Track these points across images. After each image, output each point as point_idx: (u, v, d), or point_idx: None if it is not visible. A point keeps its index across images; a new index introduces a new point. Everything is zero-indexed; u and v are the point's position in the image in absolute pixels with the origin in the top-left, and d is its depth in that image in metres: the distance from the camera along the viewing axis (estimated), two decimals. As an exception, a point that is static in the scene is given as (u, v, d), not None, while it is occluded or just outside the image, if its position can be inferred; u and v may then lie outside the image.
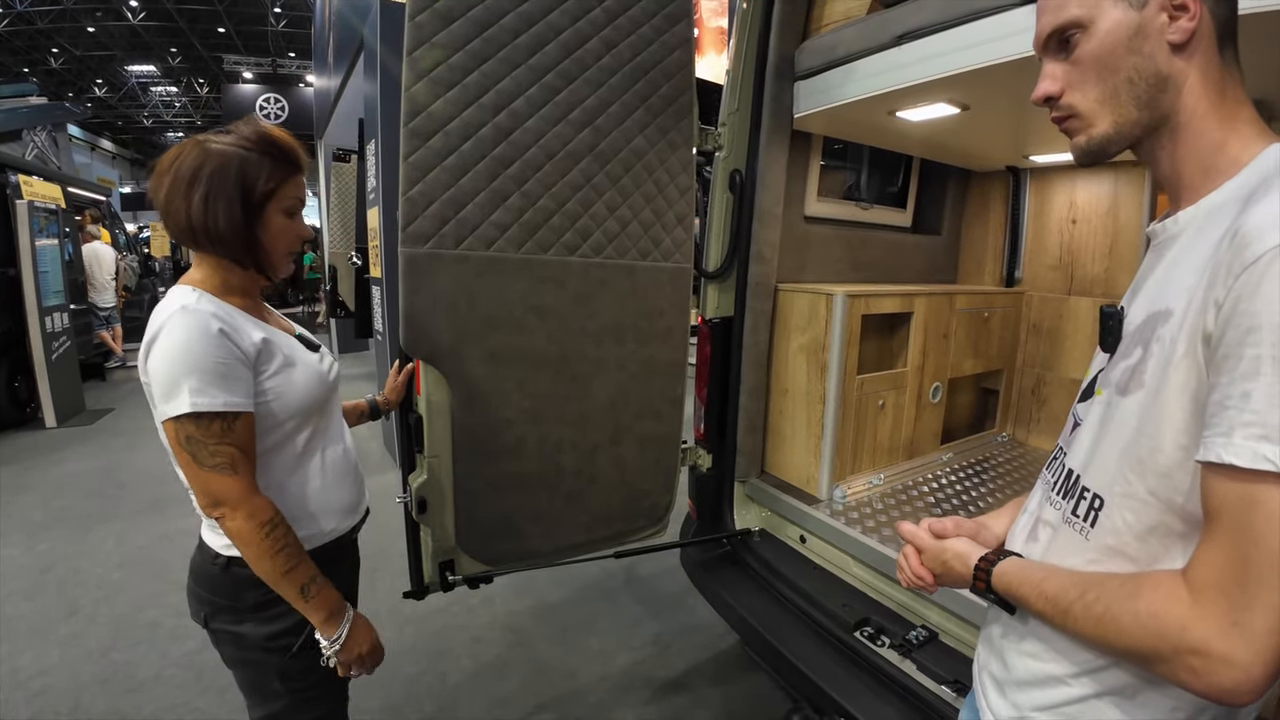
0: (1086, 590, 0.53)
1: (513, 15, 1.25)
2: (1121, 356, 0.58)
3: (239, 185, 0.88)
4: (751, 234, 1.76)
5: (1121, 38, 0.55)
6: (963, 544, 0.70)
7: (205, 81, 19.36)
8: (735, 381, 1.85)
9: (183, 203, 0.87)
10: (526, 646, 2.20)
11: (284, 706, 1.00)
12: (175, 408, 0.83)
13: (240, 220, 0.89)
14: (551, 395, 1.42)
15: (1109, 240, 2.27)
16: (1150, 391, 0.52)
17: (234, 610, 0.96)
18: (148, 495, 3.48)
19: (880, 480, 1.95)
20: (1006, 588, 0.62)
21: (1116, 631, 0.50)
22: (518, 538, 1.47)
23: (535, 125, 1.30)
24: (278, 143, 0.92)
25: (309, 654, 0.97)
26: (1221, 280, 0.46)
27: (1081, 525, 0.58)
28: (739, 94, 1.70)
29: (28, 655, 2.10)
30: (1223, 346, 0.46)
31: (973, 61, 1.23)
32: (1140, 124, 0.57)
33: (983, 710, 0.68)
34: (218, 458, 0.85)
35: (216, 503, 0.86)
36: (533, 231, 1.33)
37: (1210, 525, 0.47)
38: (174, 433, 0.84)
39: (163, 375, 0.83)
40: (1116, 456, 0.55)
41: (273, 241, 0.94)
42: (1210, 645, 0.44)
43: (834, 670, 1.31)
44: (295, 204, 0.95)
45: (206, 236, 0.89)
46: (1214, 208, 0.54)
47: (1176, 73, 0.55)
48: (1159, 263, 0.59)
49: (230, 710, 1.83)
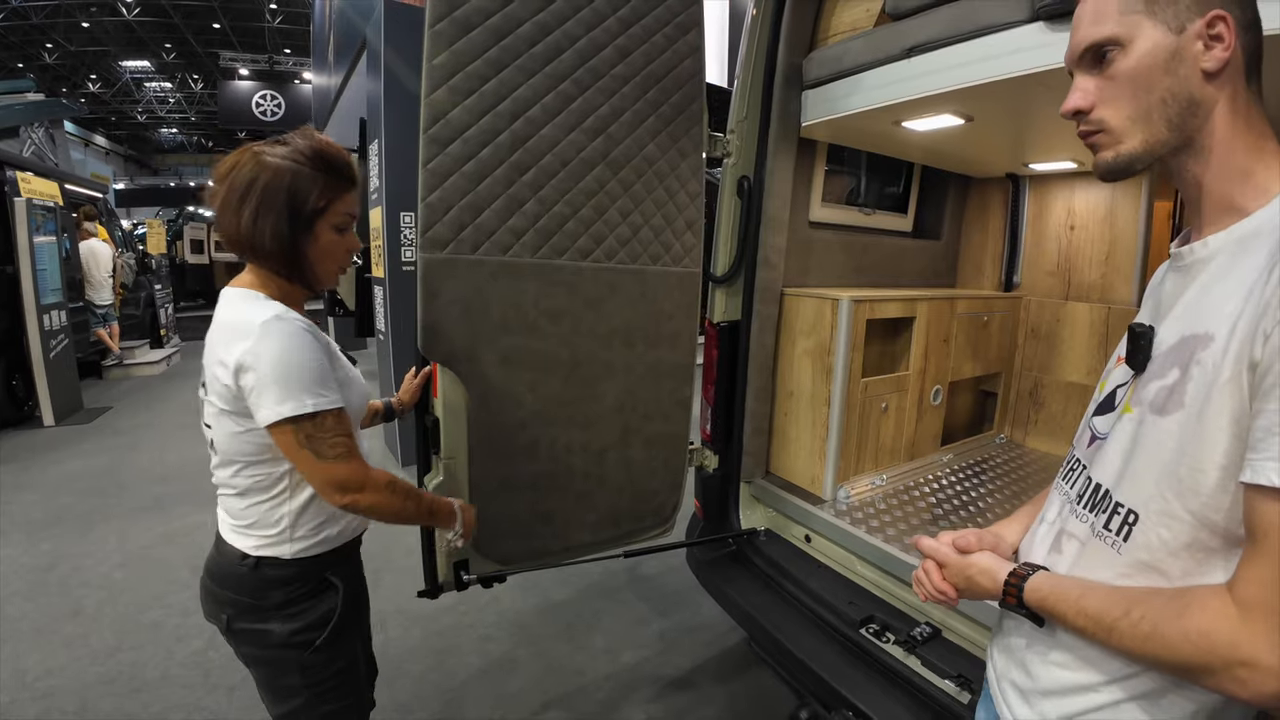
0: (1131, 608, 0.55)
1: (529, 24, 1.27)
2: (1154, 376, 0.59)
3: (289, 202, 0.89)
4: (759, 239, 1.79)
5: (1160, 59, 0.57)
6: (988, 559, 0.71)
7: (200, 77, 19.24)
8: (742, 384, 1.88)
9: (234, 216, 0.89)
10: (533, 645, 2.23)
11: (304, 701, 1.02)
12: (294, 409, 0.87)
13: (287, 237, 0.91)
14: (563, 397, 1.45)
15: (1106, 247, 2.32)
16: (1191, 414, 0.54)
17: (258, 610, 0.98)
18: (148, 494, 3.47)
19: (883, 481, 1.99)
20: (1040, 603, 0.63)
21: (1165, 648, 0.52)
22: (529, 537, 1.49)
23: (551, 132, 1.32)
24: (332, 159, 0.93)
25: (329, 648, 1.00)
26: (1272, 312, 0.48)
27: (1114, 539, 0.60)
28: (747, 102, 1.73)
29: (33, 656, 2.09)
30: (1270, 375, 0.48)
31: (979, 76, 1.26)
32: (1169, 144, 0.59)
33: (1004, 717, 0.69)
34: (337, 449, 0.90)
35: (344, 489, 0.92)
36: (547, 237, 1.36)
37: (1256, 544, 0.49)
38: (292, 433, 0.88)
39: (275, 381, 0.86)
40: (1155, 475, 0.57)
41: (321, 257, 0.96)
42: (1260, 659, 0.47)
43: (840, 666, 1.34)
44: (346, 220, 0.96)
45: (253, 250, 0.92)
46: (1246, 235, 0.56)
47: (1207, 98, 0.57)
48: (1190, 285, 0.60)
49: (239, 709, 1.83)
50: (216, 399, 0.92)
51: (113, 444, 4.31)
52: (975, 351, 2.33)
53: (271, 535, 0.98)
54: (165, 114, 22.01)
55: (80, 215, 5.75)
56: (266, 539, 0.98)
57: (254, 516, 0.97)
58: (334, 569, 1.03)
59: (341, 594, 1.02)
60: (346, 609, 1.03)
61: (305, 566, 1.00)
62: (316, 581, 1.01)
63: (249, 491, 0.96)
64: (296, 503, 0.98)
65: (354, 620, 1.08)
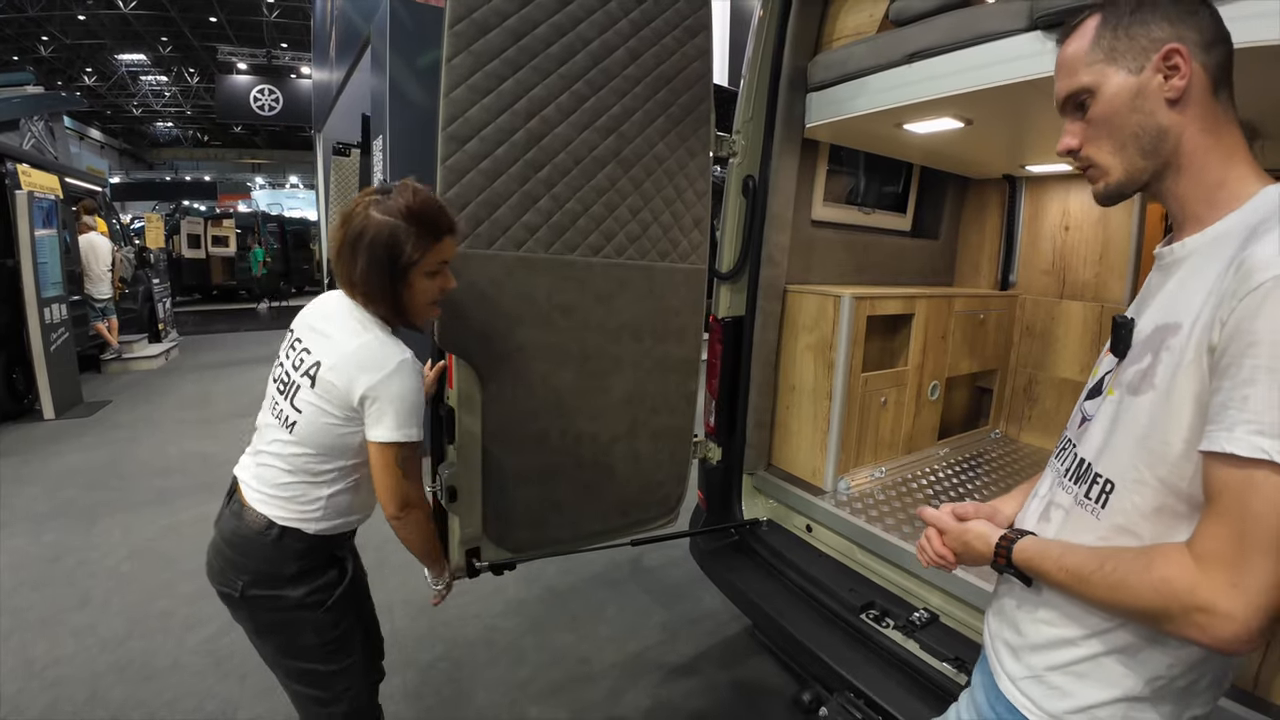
0: (1104, 562, 0.61)
1: (545, 26, 1.31)
2: (1132, 361, 0.66)
3: (388, 254, 1.03)
4: (763, 237, 1.83)
5: (1125, 100, 0.64)
6: (983, 525, 0.77)
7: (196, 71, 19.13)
8: (745, 378, 1.92)
9: (348, 265, 1.05)
10: (539, 634, 2.26)
11: (320, 657, 1.14)
12: (405, 436, 1.05)
13: (388, 287, 1.05)
14: (573, 389, 1.48)
15: (1100, 247, 2.37)
16: (1161, 393, 0.60)
17: (274, 577, 1.09)
18: (151, 488, 3.48)
19: (882, 473, 2.04)
20: (1026, 562, 0.69)
21: (1133, 596, 0.58)
22: (540, 526, 1.53)
23: (565, 131, 1.36)
24: (424, 215, 1.05)
25: (337, 609, 1.14)
26: (1227, 302, 0.55)
27: (1093, 507, 0.66)
28: (753, 103, 1.77)
29: (40, 645, 2.09)
30: (1225, 357, 0.54)
31: (979, 82, 1.31)
32: (1147, 170, 0.66)
33: (997, 674, 0.75)
34: (415, 473, 1.10)
35: (408, 505, 1.09)
36: (560, 233, 1.40)
37: (1212, 505, 0.55)
38: (395, 454, 1.05)
39: (398, 411, 1.03)
40: (1130, 448, 0.63)
41: (415, 299, 1.09)
42: (1215, 604, 0.53)
43: (842, 650, 1.39)
44: (439, 267, 1.10)
45: (364, 295, 1.07)
46: (1217, 237, 0.62)
47: (1174, 125, 0.64)
48: (1167, 281, 0.67)
49: (251, 695, 1.86)
50: (323, 398, 1.05)
51: (113, 437, 4.32)
52: (972, 348, 2.39)
53: (303, 512, 1.10)
54: (161, 108, 21.87)
55: (80, 209, 5.74)
56: (297, 514, 1.09)
57: (294, 491, 1.09)
58: (340, 547, 1.20)
59: (346, 565, 1.19)
60: (354, 575, 1.21)
61: (320, 543, 1.13)
62: (328, 556, 1.16)
63: (301, 471, 1.08)
64: (333, 490, 1.11)
65: (353, 589, 1.22)
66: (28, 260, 4.40)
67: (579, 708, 1.91)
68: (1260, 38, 0.92)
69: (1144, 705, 0.63)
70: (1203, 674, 0.63)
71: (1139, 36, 0.63)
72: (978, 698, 0.79)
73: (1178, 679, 0.63)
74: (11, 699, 1.85)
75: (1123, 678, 0.64)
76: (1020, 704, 0.70)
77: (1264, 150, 1.51)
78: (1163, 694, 0.63)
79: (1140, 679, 0.63)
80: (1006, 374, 2.64)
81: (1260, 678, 1.05)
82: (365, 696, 1.24)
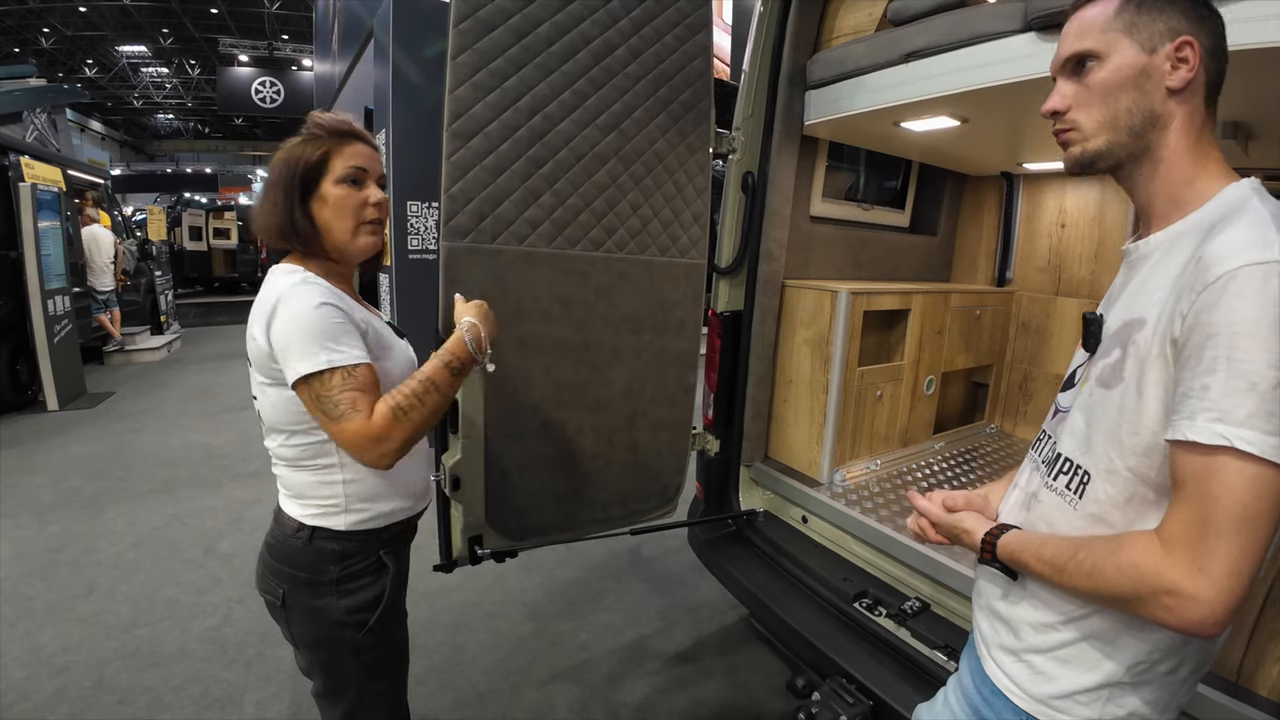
0: (1078, 551, 0.63)
1: (548, 24, 1.33)
2: (1102, 355, 0.68)
3: (287, 168, 0.92)
4: (762, 233, 1.86)
5: (1130, 74, 0.65)
6: (971, 519, 0.78)
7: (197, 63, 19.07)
8: (743, 371, 1.95)
9: (259, 211, 0.94)
10: (539, 621, 2.30)
11: (356, 682, 1.04)
12: (309, 366, 0.86)
13: (295, 207, 0.92)
14: (574, 381, 1.51)
15: (1095, 245, 2.40)
16: (1130, 386, 0.62)
17: (315, 585, 0.98)
18: (156, 477, 3.51)
19: (877, 466, 2.07)
20: (1010, 557, 0.71)
21: (1104, 581, 0.60)
22: (541, 515, 1.56)
23: (567, 128, 1.38)
24: (326, 121, 0.95)
25: (382, 629, 1.03)
26: (1187, 296, 0.57)
27: (1071, 497, 0.69)
28: (753, 100, 1.79)
29: (47, 633, 2.12)
30: (1186, 349, 0.56)
31: (975, 82, 1.33)
32: (1127, 149, 0.67)
33: (983, 658, 0.78)
34: (341, 406, 0.86)
35: (361, 448, 0.87)
36: (562, 228, 1.42)
37: (1177, 492, 0.57)
38: (307, 393, 0.87)
39: (294, 341, 0.86)
40: (1103, 439, 0.65)
41: (334, 215, 0.93)
42: (1181, 586, 0.54)
43: (836, 637, 1.43)
44: (352, 172, 0.93)
45: (277, 231, 0.94)
46: (1180, 234, 0.64)
47: (1167, 113, 0.65)
48: (1133, 278, 0.69)
49: (256, 680, 1.90)
50: (257, 372, 0.95)
51: (117, 428, 4.35)
52: (968, 344, 2.41)
53: (325, 505, 0.99)
54: (162, 99, 21.80)
55: (83, 201, 5.76)
56: (320, 509, 0.99)
57: (305, 486, 0.99)
58: (388, 548, 1.04)
59: (391, 575, 1.03)
60: (395, 591, 1.04)
61: (361, 542, 1.00)
62: (372, 559, 1.01)
63: (297, 461, 0.98)
64: (348, 474, 0.98)
65: (399, 603, 1.10)
66: (31, 252, 4.43)
67: (578, 693, 1.95)
68: (1260, 39, 0.93)
69: (1125, 690, 0.65)
70: (1183, 659, 0.64)
71: (1159, 20, 0.64)
72: (965, 681, 0.82)
73: (1159, 664, 0.64)
74: (20, 685, 1.88)
75: (1103, 663, 0.65)
76: (1005, 686, 0.73)
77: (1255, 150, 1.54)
78: (1144, 679, 0.64)
79: (1121, 665, 0.65)
80: (1002, 369, 2.67)
81: (1244, 668, 1.08)
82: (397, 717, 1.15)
